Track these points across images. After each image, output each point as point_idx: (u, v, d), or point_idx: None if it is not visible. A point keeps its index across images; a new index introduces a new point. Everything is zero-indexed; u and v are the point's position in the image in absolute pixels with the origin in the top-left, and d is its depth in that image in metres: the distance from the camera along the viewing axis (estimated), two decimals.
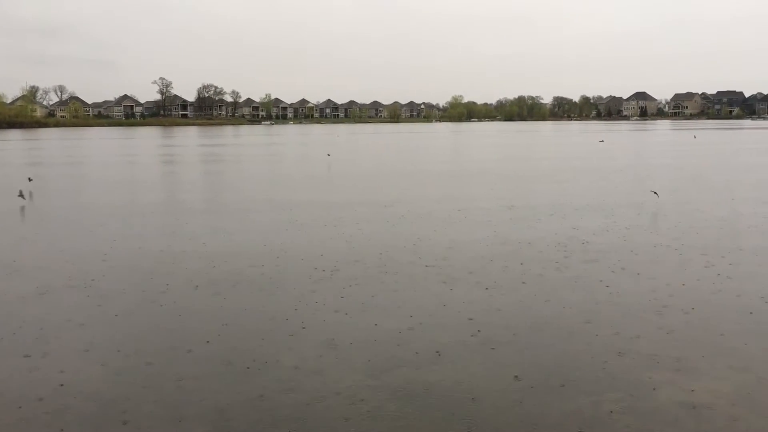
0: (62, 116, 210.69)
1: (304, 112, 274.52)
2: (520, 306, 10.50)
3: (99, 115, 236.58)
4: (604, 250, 14.39)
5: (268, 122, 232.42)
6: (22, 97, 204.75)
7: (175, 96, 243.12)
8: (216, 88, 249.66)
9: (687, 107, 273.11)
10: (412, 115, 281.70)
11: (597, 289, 11.41)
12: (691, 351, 8.49)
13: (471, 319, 9.79)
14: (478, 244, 15.16)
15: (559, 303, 10.60)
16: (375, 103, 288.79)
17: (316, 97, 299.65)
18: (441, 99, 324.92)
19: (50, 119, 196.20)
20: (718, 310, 10.19)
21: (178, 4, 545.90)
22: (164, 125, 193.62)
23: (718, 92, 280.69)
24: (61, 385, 7.65)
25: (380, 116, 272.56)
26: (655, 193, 18.65)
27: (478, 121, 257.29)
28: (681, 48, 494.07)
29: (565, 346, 8.72)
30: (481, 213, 19.90)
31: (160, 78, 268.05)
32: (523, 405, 7.04)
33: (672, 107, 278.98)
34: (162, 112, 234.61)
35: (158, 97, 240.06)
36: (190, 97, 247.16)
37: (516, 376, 7.75)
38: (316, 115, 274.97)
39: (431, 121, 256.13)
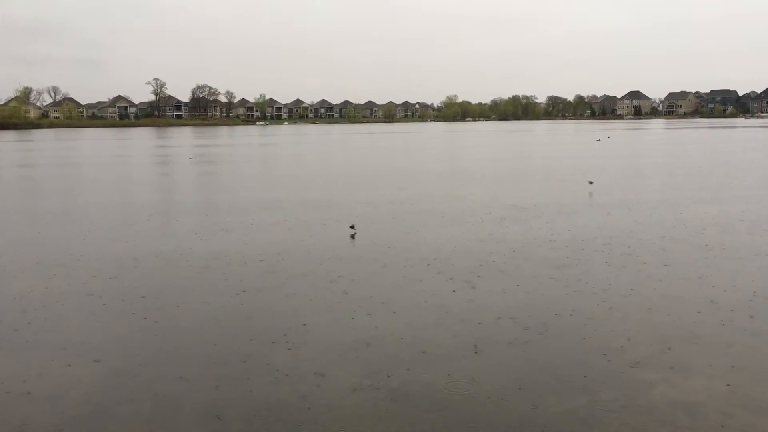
0: (56, 117, 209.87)
1: (298, 113, 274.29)
2: (512, 305, 10.53)
3: (93, 116, 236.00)
4: (597, 251, 14.44)
5: (263, 122, 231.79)
6: (16, 98, 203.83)
7: (170, 96, 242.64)
8: (210, 88, 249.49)
9: (681, 106, 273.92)
10: (407, 115, 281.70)
11: (592, 289, 11.45)
12: (685, 348, 8.53)
13: (462, 320, 9.82)
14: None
15: (552, 303, 10.63)
16: (370, 102, 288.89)
17: (310, 98, 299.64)
18: (435, 99, 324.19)
19: (44, 120, 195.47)
20: (711, 306, 10.25)
21: (171, 4, 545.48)
22: (158, 126, 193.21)
23: (712, 91, 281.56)
24: (60, 385, 7.66)
25: (375, 116, 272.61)
26: None
27: (473, 120, 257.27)
28: (675, 47, 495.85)
29: (558, 344, 8.75)
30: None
31: (154, 78, 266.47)
32: (519, 404, 7.06)
33: (666, 106, 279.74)
34: (156, 112, 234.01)
35: (152, 97, 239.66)
36: (185, 97, 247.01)
37: (510, 376, 7.77)
38: (311, 115, 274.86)
39: (426, 121, 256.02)
